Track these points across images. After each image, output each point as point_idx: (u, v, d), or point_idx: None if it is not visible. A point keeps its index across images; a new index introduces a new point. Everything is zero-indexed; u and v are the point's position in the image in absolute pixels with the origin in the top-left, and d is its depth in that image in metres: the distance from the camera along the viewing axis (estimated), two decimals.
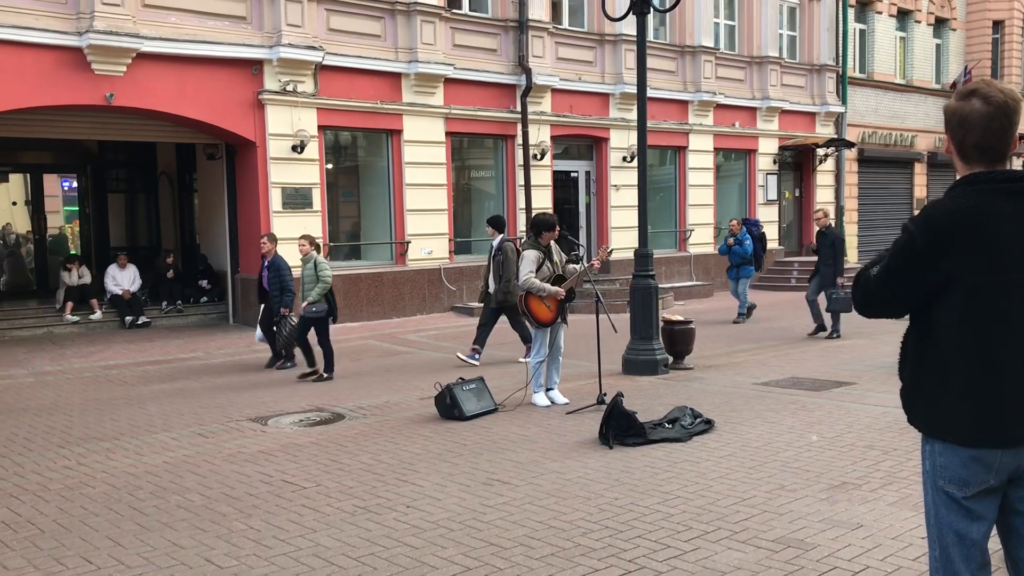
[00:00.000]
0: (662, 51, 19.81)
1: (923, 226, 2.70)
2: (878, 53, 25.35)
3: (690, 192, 20.83)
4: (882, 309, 2.87)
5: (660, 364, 10.12)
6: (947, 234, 2.65)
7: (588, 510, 5.38)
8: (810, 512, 5.26)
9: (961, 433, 2.70)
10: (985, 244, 2.62)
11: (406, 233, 16.09)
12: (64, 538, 5.12)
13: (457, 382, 8.20)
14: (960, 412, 2.70)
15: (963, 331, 2.67)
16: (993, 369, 2.66)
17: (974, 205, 2.65)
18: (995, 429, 2.67)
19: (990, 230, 2.63)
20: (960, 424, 2.70)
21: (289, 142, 14.47)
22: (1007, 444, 2.67)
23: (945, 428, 2.74)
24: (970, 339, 2.67)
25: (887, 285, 2.78)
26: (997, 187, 2.67)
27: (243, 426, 7.98)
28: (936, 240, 2.66)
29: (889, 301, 2.82)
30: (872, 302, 2.87)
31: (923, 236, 2.68)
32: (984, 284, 2.64)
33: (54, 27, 12.46)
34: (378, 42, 15.57)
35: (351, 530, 5.14)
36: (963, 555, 2.75)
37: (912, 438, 6.82)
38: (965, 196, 2.69)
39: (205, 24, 13.70)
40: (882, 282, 2.80)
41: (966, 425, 2.69)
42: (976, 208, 2.64)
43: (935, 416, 2.77)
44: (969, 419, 2.68)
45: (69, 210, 20.23)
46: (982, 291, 2.64)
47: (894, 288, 2.77)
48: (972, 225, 2.63)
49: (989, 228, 2.63)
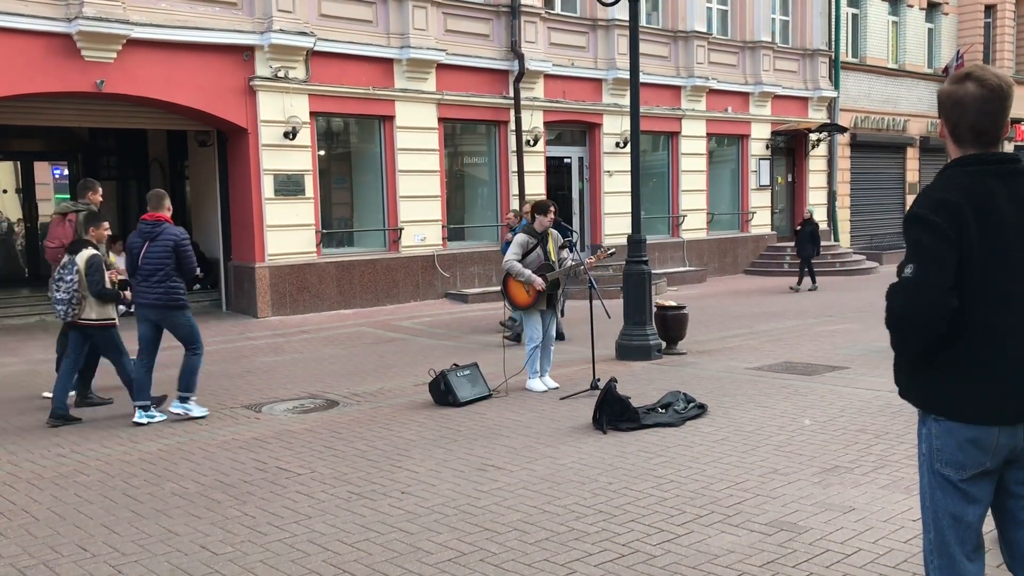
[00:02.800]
0: (655, 36, 19.77)
1: (935, 206, 2.65)
2: (871, 38, 25.32)
3: (683, 178, 20.83)
4: (934, 309, 2.63)
5: (653, 349, 10.14)
6: (960, 209, 2.63)
7: (582, 495, 5.41)
8: (803, 495, 5.29)
9: (959, 410, 2.71)
10: (985, 222, 2.64)
11: (399, 220, 16.06)
12: (59, 526, 5.12)
13: (451, 368, 8.21)
14: (960, 389, 2.70)
15: (963, 309, 2.67)
16: (994, 347, 2.67)
17: (970, 185, 2.67)
18: (994, 407, 2.68)
19: (988, 209, 2.64)
20: (959, 400, 2.71)
21: (281, 129, 14.42)
22: (1005, 422, 2.68)
23: (944, 405, 2.74)
24: (972, 319, 2.67)
25: (932, 277, 2.62)
26: (988, 168, 2.69)
27: (237, 413, 7.98)
28: (953, 217, 2.62)
29: (940, 298, 2.61)
30: (920, 311, 2.64)
31: (939, 215, 2.63)
32: (984, 262, 2.65)
33: (43, 13, 12.36)
34: (370, 27, 15.50)
35: (346, 516, 5.15)
36: (958, 537, 2.77)
37: (904, 422, 6.86)
38: (958, 177, 2.71)
39: (196, 10, 13.61)
40: (923, 282, 2.63)
41: (965, 402, 2.70)
42: (975, 188, 2.66)
43: (933, 392, 2.77)
44: (968, 396, 2.69)
45: (60, 197, 20.14)
46: (983, 269, 2.65)
47: (942, 276, 2.62)
48: (972, 203, 2.64)
49: (992, 208, 2.65)
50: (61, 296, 7.56)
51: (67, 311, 7.60)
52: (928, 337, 2.67)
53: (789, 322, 13.11)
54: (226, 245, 15.58)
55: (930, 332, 2.66)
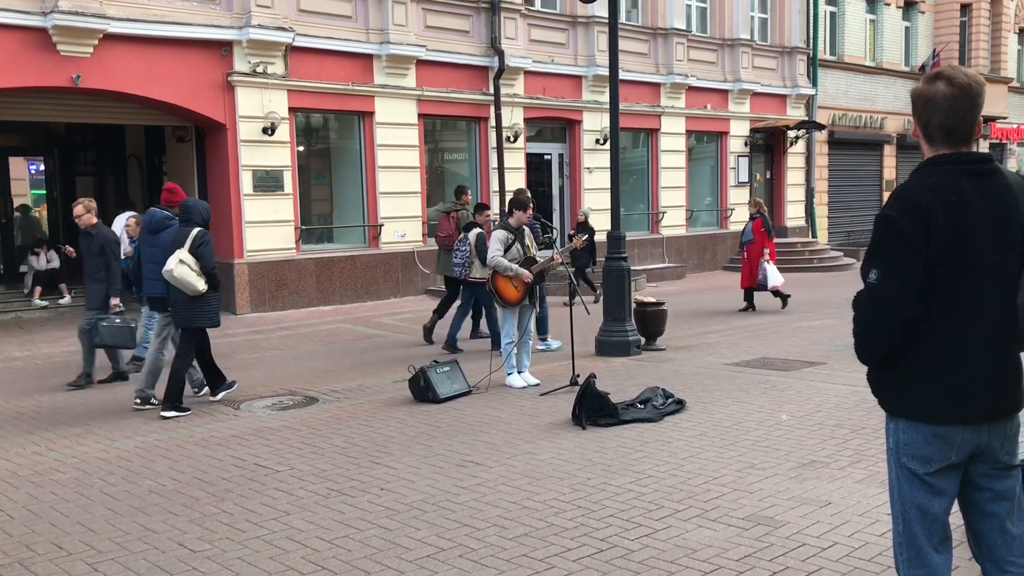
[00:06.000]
0: (634, 33, 19.81)
1: (904, 208, 2.68)
2: (848, 36, 25.50)
3: (663, 174, 20.90)
4: (896, 314, 2.69)
5: (633, 345, 10.17)
6: (929, 211, 2.65)
7: (561, 490, 5.42)
8: (779, 490, 5.33)
9: (926, 411, 2.75)
10: (953, 223, 2.66)
11: (379, 216, 16.02)
12: (34, 524, 5.08)
13: (431, 365, 8.21)
14: (926, 390, 2.75)
15: (930, 311, 2.71)
16: (959, 348, 2.71)
17: (940, 184, 2.70)
18: (960, 407, 2.72)
19: (963, 210, 2.67)
20: (925, 402, 2.75)
21: (259, 124, 14.34)
22: (970, 422, 2.73)
23: (910, 406, 2.79)
24: (937, 318, 2.71)
25: (895, 283, 2.68)
26: (960, 168, 2.72)
27: (215, 410, 7.94)
28: (920, 220, 2.65)
29: (903, 303, 2.67)
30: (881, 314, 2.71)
31: (906, 217, 2.67)
32: (952, 263, 2.68)
33: (18, 7, 12.22)
34: (349, 23, 15.44)
35: (325, 513, 5.14)
36: (925, 529, 2.82)
37: (879, 417, 6.89)
38: (931, 176, 2.73)
39: (173, 4, 13.50)
40: (886, 286, 2.69)
41: (931, 403, 2.74)
42: (945, 188, 2.69)
43: (901, 394, 2.81)
44: (934, 397, 2.74)
45: (36, 193, 19.95)
46: (950, 270, 2.68)
47: (905, 282, 2.67)
48: (943, 203, 2.67)
49: (957, 207, 2.67)
50: (458, 261, 10.41)
51: (461, 271, 10.42)
52: (889, 343, 2.75)
53: (767, 318, 13.19)
54: None
55: (892, 339, 2.74)
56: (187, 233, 7.71)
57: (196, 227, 7.79)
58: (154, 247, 8.33)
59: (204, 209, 8.09)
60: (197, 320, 7.76)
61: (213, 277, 7.71)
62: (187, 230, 7.74)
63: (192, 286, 7.55)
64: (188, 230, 7.74)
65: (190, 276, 7.53)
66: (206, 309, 7.76)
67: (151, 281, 8.39)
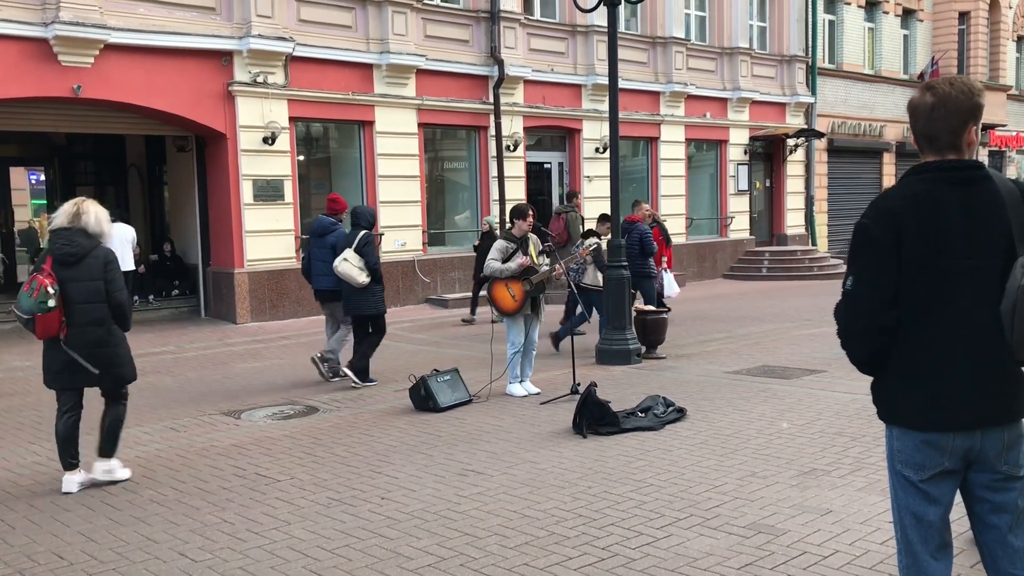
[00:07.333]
0: (633, 42, 19.86)
1: (875, 216, 2.76)
2: (847, 44, 25.56)
3: (662, 183, 20.92)
4: (872, 319, 2.75)
5: (633, 354, 10.18)
6: (900, 218, 2.71)
7: (562, 499, 5.42)
8: (780, 498, 5.33)
9: (913, 418, 2.77)
10: (932, 230, 2.70)
11: (379, 225, 16.02)
12: (35, 534, 5.08)
13: (431, 374, 8.21)
14: (911, 397, 2.76)
15: (910, 317, 2.73)
16: (942, 354, 2.72)
17: (918, 192, 2.73)
18: (945, 414, 2.72)
19: (936, 216, 2.70)
20: (911, 409, 2.77)
21: (260, 134, 14.37)
22: (958, 428, 2.73)
23: (899, 413, 2.81)
24: (918, 325, 2.73)
25: (868, 289, 2.75)
26: (941, 175, 2.75)
27: (216, 420, 7.94)
28: (891, 226, 2.71)
29: (877, 308, 2.74)
30: (857, 320, 2.79)
31: (878, 225, 2.74)
32: (932, 270, 2.70)
33: (19, 17, 12.27)
34: (349, 33, 15.49)
35: (326, 522, 5.14)
36: (920, 536, 2.82)
37: (880, 425, 6.88)
38: (911, 185, 2.78)
39: (174, 15, 13.55)
40: (860, 293, 2.76)
41: (917, 410, 2.76)
42: (921, 195, 2.72)
43: (891, 401, 2.83)
44: (920, 403, 2.75)
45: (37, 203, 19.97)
46: (926, 275, 2.71)
47: (877, 288, 2.74)
48: (919, 211, 2.70)
49: (935, 214, 2.70)
50: (573, 267, 10.42)
51: (576, 276, 10.59)
52: (868, 348, 2.79)
53: (767, 326, 13.20)
54: (205, 251, 15.50)
55: (869, 343, 2.78)
56: (356, 235, 9.09)
57: (363, 230, 9.15)
58: (322, 248, 9.67)
59: (370, 214, 9.60)
60: (364, 308, 9.07)
61: (376, 272, 8.97)
62: (356, 232, 9.13)
63: (354, 279, 8.87)
64: (356, 232, 9.13)
65: (352, 271, 8.86)
66: (372, 299, 9.06)
67: (319, 276, 9.66)
